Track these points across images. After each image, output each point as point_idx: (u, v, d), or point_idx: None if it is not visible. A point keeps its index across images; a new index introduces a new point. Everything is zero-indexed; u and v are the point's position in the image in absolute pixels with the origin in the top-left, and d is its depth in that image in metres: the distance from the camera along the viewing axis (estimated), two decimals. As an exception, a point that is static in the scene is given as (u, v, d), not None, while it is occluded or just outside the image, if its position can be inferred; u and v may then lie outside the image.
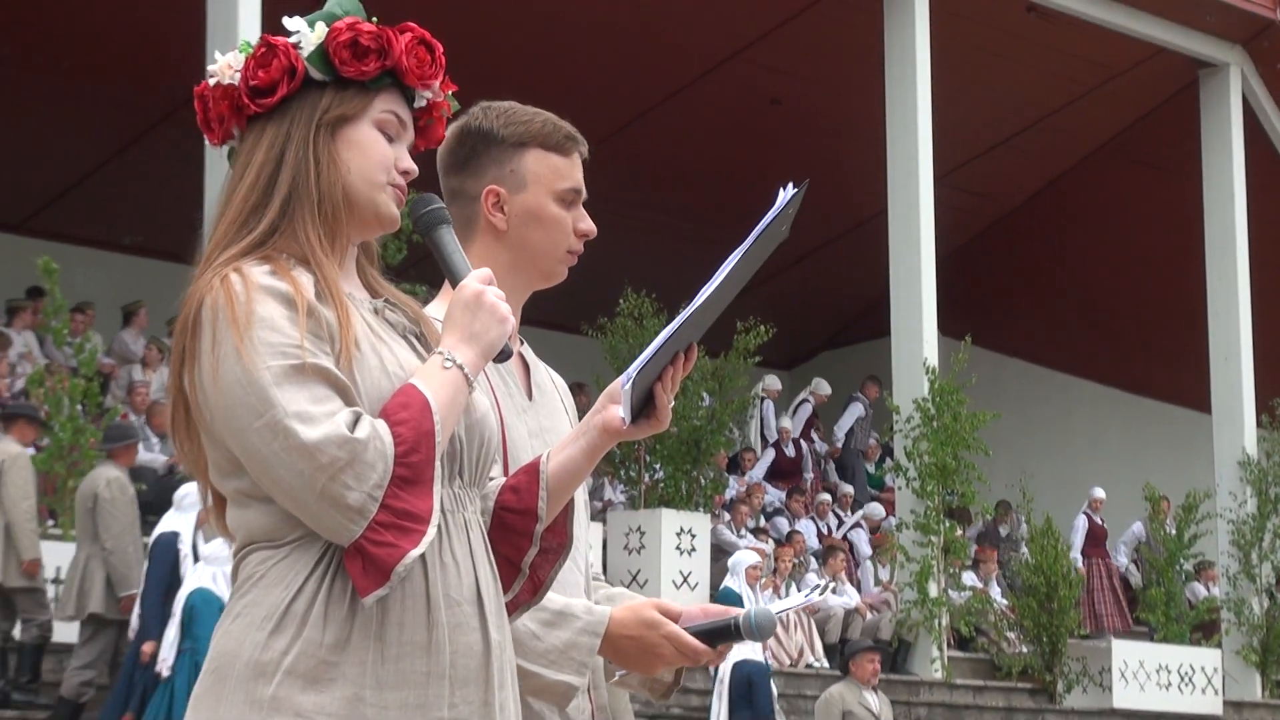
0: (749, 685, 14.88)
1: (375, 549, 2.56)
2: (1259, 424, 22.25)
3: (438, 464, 2.63)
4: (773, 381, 23.46)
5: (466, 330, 2.73)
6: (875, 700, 14.11)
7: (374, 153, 2.79)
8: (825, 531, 21.90)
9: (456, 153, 3.35)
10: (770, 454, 22.96)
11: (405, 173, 2.82)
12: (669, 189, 23.30)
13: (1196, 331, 22.61)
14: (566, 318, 19.02)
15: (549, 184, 3.30)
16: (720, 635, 3.12)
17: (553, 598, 3.14)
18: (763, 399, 23.20)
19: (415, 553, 2.57)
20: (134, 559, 12.77)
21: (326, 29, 2.77)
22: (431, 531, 2.59)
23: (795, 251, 24.53)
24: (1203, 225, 22.51)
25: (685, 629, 3.15)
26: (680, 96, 22.01)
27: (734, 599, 15.95)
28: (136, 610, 12.44)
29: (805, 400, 23.91)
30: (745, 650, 14.82)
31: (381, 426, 2.60)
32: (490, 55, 19.20)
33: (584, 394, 20.25)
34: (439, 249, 2.86)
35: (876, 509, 22.21)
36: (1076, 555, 21.86)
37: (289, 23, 2.80)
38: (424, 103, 2.85)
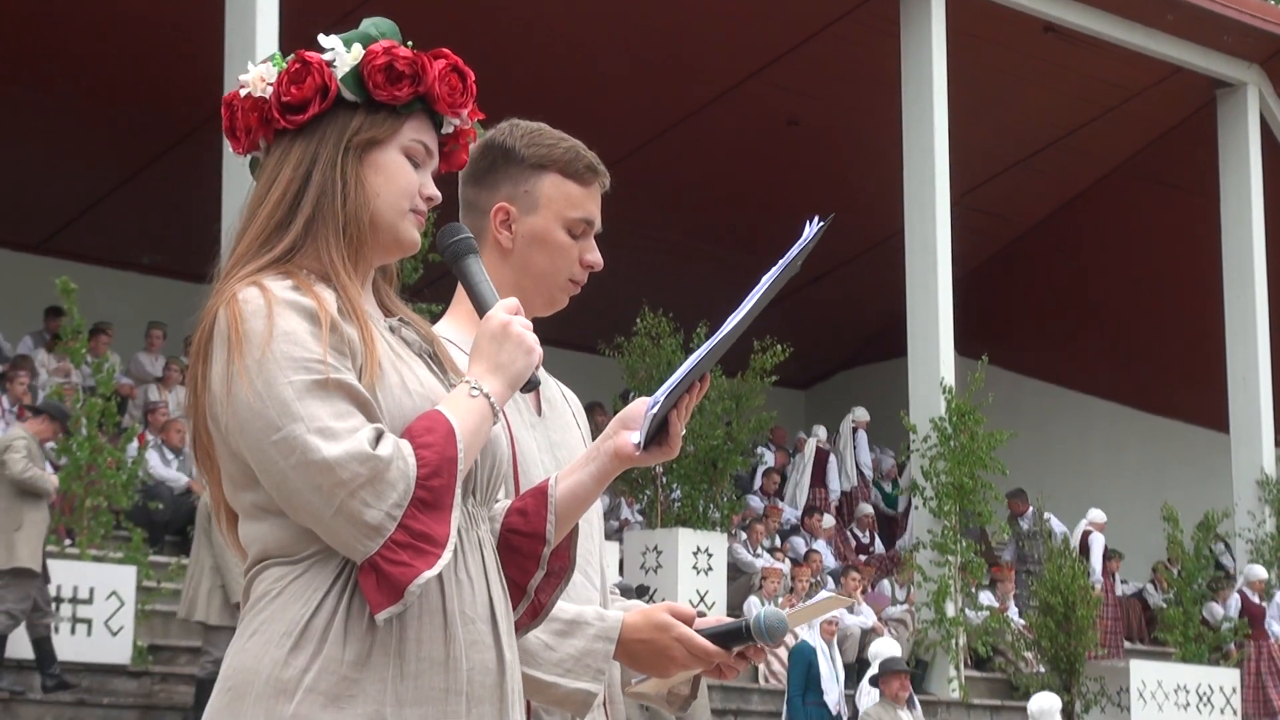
0: None
1: (390, 567, 2.55)
2: (1278, 443, 22.21)
3: (458, 491, 2.62)
4: (861, 414, 23.30)
5: (493, 360, 2.72)
6: (910, 717, 14.20)
7: (400, 179, 2.78)
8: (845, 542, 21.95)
9: (477, 164, 3.34)
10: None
11: (429, 199, 2.82)
12: (686, 209, 23.32)
13: (1214, 350, 22.58)
14: (583, 337, 19.05)
15: (560, 211, 3.30)
16: (732, 638, 3.12)
17: (564, 607, 3.14)
18: (855, 429, 23.07)
19: (429, 574, 2.56)
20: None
21: (363, 51, 2.77)
22: (446, 556, 2.58)
23: (812, 271, 24.54)
24: (1220, 244, 22.49)
25: (698, 631, 3.16)
26: (697, 117, 22.05)
27: (808, 652, 15.80)
28: None
29: None
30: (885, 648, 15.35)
31: (405, 447, 2.59)
32: (508, 76, 19.25)
33: (600, 413, 20.26)
34: (467, 279, 2.87)
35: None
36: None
37: (325, 40, 2.79)
38: (451, 129, 2.85)
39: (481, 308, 2.82)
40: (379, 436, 2.59)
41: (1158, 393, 26.28)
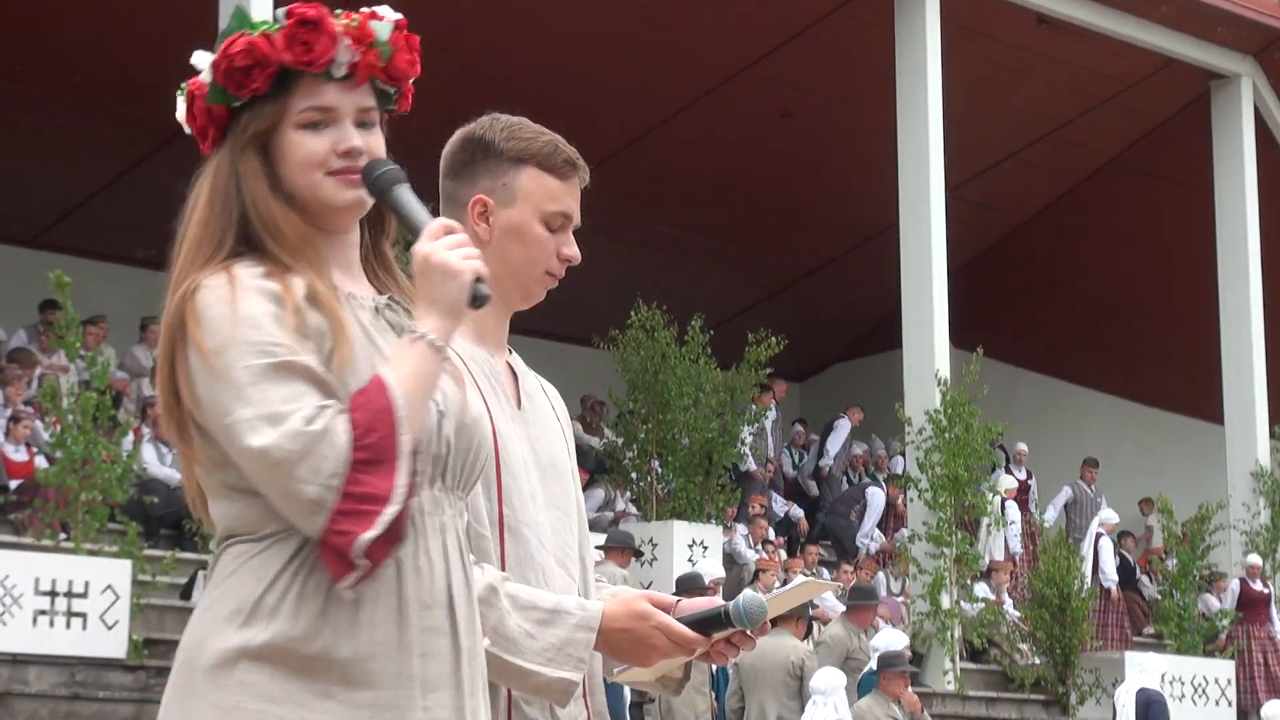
0: (1147, 710, 15.17)
1: (335, 539, 2.57)
2: (1272, 435, 22.23)
3: (403, 438, 2.60)
4: (1008, 481, 22.28)
5: (426, 298, 2.69)
6: (903, 715, 14.09)
7: (297, 155, 2.77)
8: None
9: (457, 158, 3.35)
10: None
11: (346, 153, 2.77)
12: (680, 202, 23.31)
13: (1209, 342, 22.60)
14: (578, 330, 19.05)
15: (538, 204, 3.29)
16: (711, 624, 3.13)
17: (545, 596, 3.15)
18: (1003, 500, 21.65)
19: (370, 535, 2.55)
20: None
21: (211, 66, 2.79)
22: (391, 510, 2.57)
23: (807, 264, 24.53)
24: (1215, 236, 22.50)
25: (678, 619, 3.17)
26: (691, 110, 22.03)
27: None
28: None
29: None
30: (1144, 679, 15.64)
31: (339, 419, 2.59)
32: (501, 71, 19.25)
33: (593, 405, 20.24)
34: (398, 209, 2.78)
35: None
36: None
37: (197, 61, 2.82)
38: (344, 71, 2.78)
39: (418, 236, 2.75)
40: (319, 413, 2.59)
41: (1152, 385, 26.28)
